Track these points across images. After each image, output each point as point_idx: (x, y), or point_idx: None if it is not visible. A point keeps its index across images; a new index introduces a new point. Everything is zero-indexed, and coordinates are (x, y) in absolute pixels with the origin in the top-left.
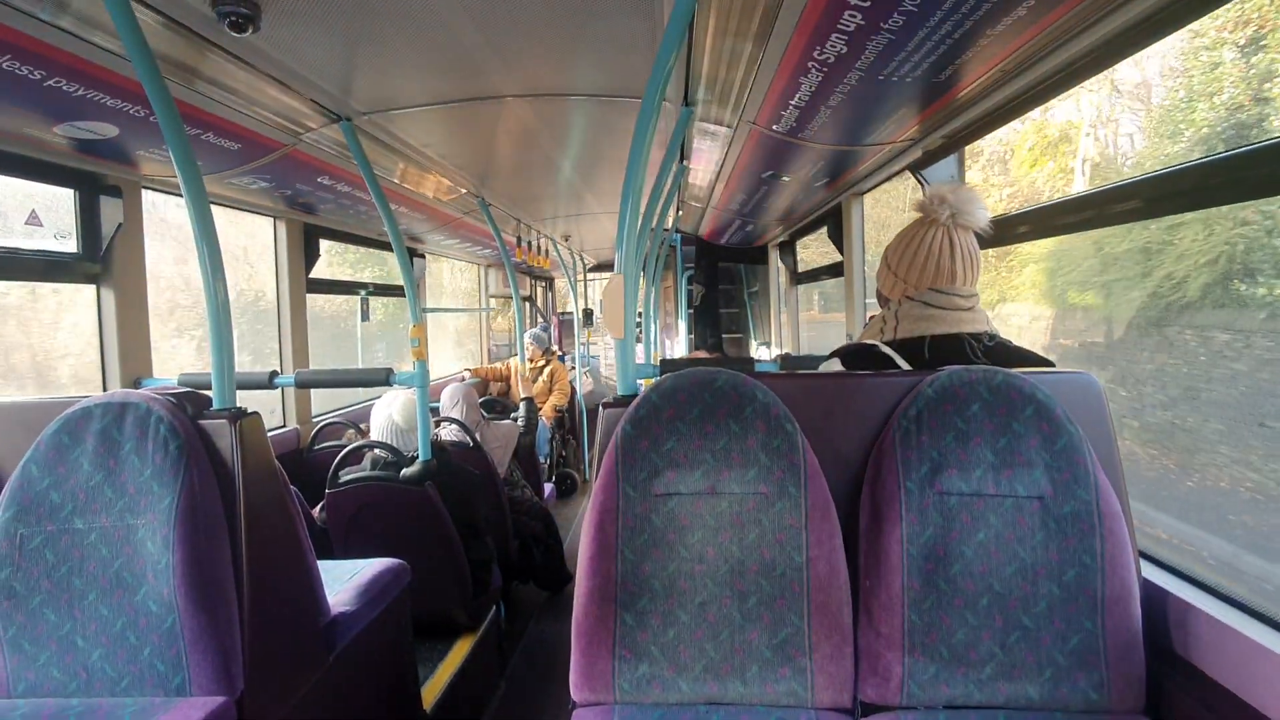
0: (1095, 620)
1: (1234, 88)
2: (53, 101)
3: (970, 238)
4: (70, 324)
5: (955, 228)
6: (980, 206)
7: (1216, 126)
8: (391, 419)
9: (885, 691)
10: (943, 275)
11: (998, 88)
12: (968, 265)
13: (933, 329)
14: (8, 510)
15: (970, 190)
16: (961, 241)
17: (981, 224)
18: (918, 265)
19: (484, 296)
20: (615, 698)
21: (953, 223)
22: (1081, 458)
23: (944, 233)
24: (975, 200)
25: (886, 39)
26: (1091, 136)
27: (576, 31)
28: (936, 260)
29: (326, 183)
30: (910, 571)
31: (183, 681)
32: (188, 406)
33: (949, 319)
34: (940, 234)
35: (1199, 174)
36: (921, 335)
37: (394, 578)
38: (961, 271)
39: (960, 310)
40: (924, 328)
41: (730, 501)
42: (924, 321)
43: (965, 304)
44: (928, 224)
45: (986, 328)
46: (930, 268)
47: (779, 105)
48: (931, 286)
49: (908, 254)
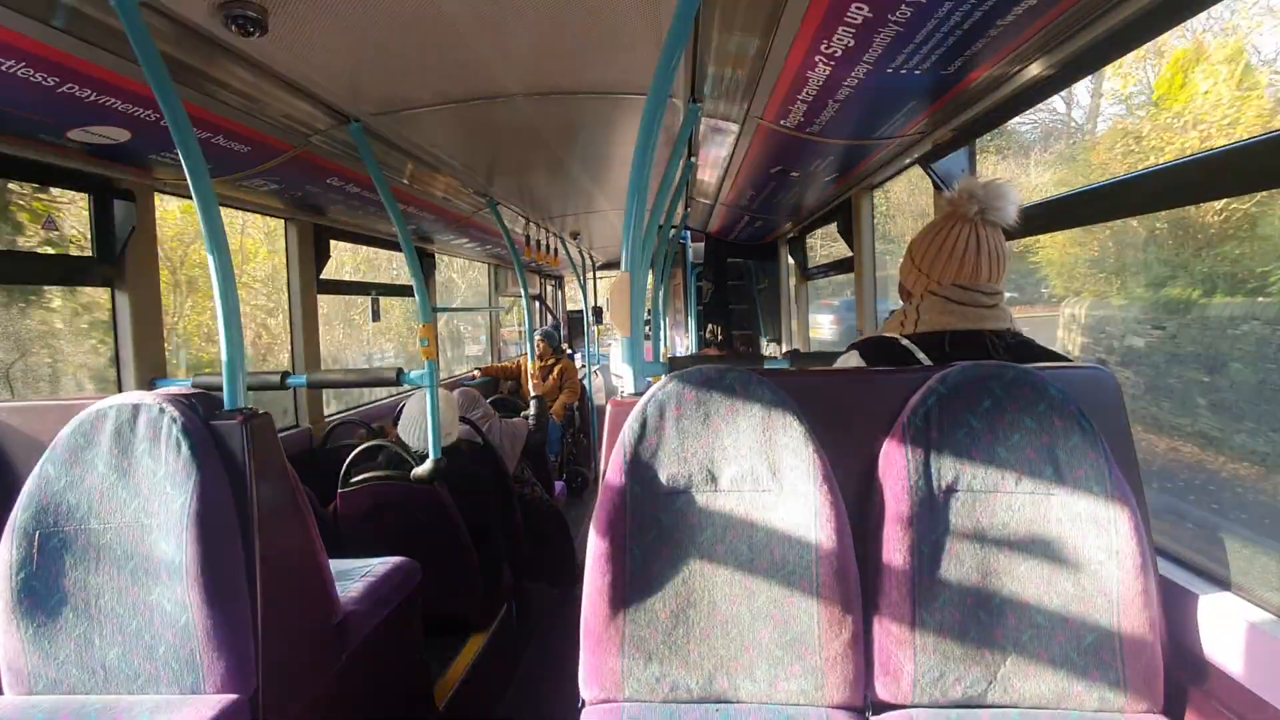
0: (1111, 618)
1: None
2: (65, 107)
3: (998, 234)
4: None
5: (983, 224)
6: (1011, 202)
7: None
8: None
9: (897, 690)
10: (966, 271)
11: (1008, 79)
12: (993, 262)
13: (954, 324)
14: (26, 511)
15: (1001, 185)
16: (988, 238)
17: (1010, 220)
18: (942, 260)
19: (493, 295)
20: (624, 696)
21: (980, 219)
22: (1096, 454)
23: (971, 229)
24: (1006, 195)
25: (894, 31)
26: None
27: (582, 29)
28: (961, 256)
29: (336, 184)
30: (921, 569)
31: (197, 679)
32: (199, 408)
33: (971, 315)
34: (967, 230)
35: (1229, 160)
36: (942, 330)
37: (405, 576)
38: (987, 268)
39: (983, 307)
40: (945, 323)
41: (739, 499)
42: (946, 316)
43: (988, 301)
44: (955, 219)
45: (1009, 325)
46: (955, 263)
47: (786, 100)
48: (955, 282)
49: (932, 248)
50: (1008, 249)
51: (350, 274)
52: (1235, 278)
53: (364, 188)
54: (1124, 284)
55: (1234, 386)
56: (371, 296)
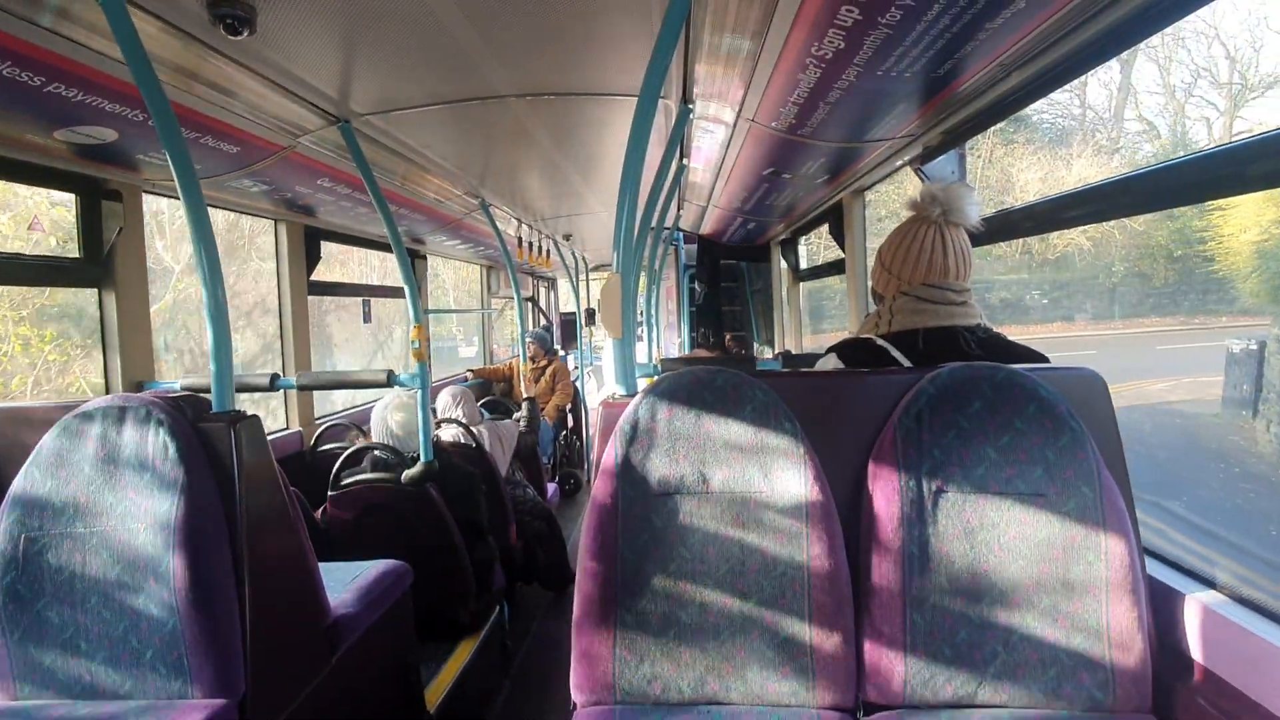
0: (1100, 619)
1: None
2: (52, 107)
3: (962, 234)
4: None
5: (947, 225)
6: (971, 204)
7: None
8: (389, 428)
9: (888, 691)
10: (935, 270)
11: (997, 82)
12: (960, 261)
13: (926, 322)
14: (11, 514)
15: (961, 188)
16: (953, 238)
17: (972, 221)
18: (910, 261)
19: (486, 297)
20: (616, 698)
21: (944, 220)
22: (1085, 454)
23: (935, 230)
24: (966, 198)
25: (884, 34)
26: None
27: (573, 30)
28: (929, 256)
29: (326, 185)
30: (912, 570)
31: (185, 684)
32: (187, 410)
33: (942, 313)
34: (932, 231)
35: (1205, 166)
36: (916, 328)
37: (396, 579)
38: (954, 266)
39: (953, 304)
40: (918, 321)
41: (730, 501)
42: (918, 315)
43: (958, 298)
44: (920, 221)
45: (979, 321)
46: (923, 263)
47: (778, 102)
48: (925, 281)
49: (900, 250)
50: (971, 250)
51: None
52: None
53: (355, 189)
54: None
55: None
56: (363, 299)
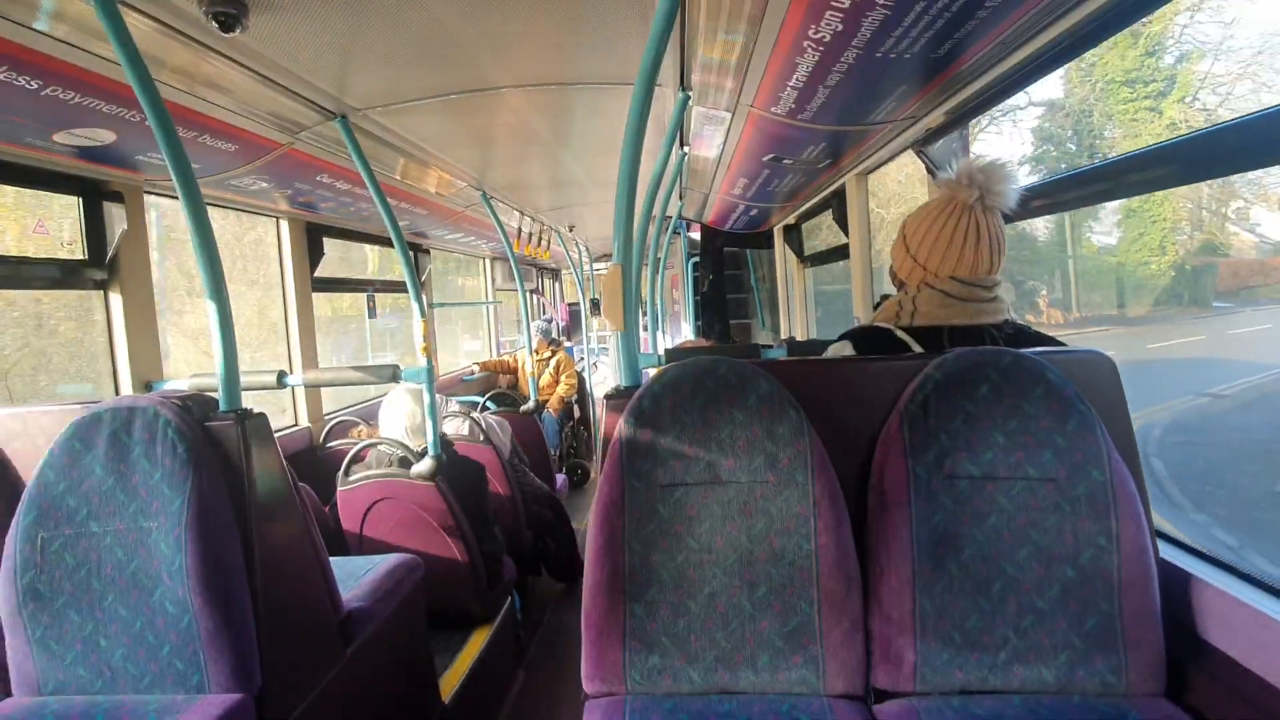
0: (1112, 602)
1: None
2: (51, 109)
3: (998, 219)
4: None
5: (982, 210)
6: (1010, 183)
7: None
8: (397, 423)
9: (898, 678)
10: (965, 264)
11: (998, 61)
12: (994, 251)
13: (953, 319)
14: (28, 515)
15: (1001, 166)
16: (988, 224)
17: (1011, 204)
18: (939, 251)
19: (489, 290)
20: (627, 688)
21: (980, 205)
22: (1094, 438)
23: (970, 217)
24: (1005, 177)
25: (883, 14)
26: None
27: (568, 19)
28: (960, 249)
29: (327, 181)
30: (920, 557)
31: (201, 679)
32: (195, 409)
33: (970, 310)
34: (966, 219)
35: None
36: (941, 325)
37: (407, 572)
38: (988, 259)
39: (982, 301)
40: (944, 317)
41: (737, 490)
42: (945, 310)
43: (988, 295)
44: (952, 205)
45: (1007, 316)
46: (953, 256)
47: (777, 87)
48: (954, 276)
49: (929, 237)
50: (1005, 236)
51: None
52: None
53: (355, 184)
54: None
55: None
56: (368, 294)
